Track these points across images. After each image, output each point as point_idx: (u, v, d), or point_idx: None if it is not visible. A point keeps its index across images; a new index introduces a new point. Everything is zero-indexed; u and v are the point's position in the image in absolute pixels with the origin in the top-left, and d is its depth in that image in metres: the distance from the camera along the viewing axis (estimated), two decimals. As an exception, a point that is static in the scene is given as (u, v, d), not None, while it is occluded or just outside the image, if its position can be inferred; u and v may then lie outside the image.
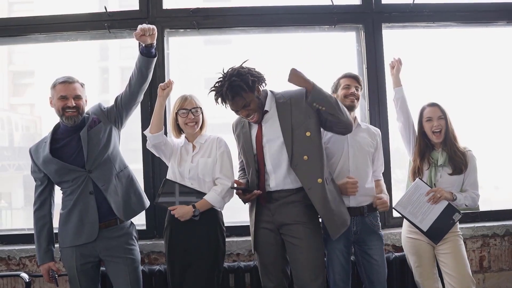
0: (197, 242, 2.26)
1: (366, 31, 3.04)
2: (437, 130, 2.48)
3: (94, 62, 3.60)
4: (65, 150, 2.27)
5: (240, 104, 2.15)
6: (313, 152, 2.18)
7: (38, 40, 3.04)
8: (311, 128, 2.19)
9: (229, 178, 2.33)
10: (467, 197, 2.45)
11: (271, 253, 2.25)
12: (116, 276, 2.29)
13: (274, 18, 3.03)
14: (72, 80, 2.29)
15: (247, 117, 2.21)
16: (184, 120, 2.35)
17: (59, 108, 2.27)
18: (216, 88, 2.18)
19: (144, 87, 2.39)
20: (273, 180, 2.21)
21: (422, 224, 2.40)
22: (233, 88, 2.11)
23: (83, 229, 2.24)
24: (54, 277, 2.33)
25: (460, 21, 3.12)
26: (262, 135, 2.23)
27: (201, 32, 3.05)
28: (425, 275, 2.46)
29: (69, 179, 2.25)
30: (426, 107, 2.56)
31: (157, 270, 2.68)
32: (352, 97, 2.44)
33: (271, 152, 2.21)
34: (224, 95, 2.14)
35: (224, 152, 2.36)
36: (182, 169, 2.35)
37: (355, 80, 2.49)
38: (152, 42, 2.29)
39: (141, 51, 2.29)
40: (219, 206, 2.31)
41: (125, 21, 2.97)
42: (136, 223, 2.82)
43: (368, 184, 2.43)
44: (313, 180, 2.15)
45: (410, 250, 2.51)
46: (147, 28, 2.23)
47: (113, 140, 2.36)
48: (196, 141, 2.41)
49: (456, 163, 2.45)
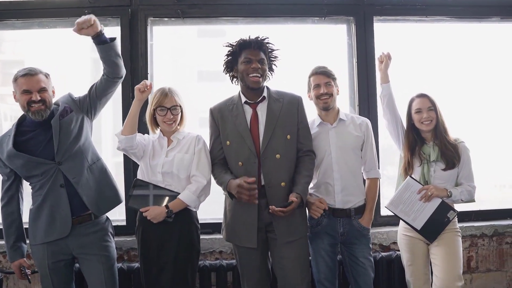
0: (170, 242, 2.17)
1: (357, 24, 2.96)
2: (427, 122, 2.40)
3: (87, 53, 3.49)
4: (32, 142, 2.14)
5: (259, 56, 2.16)
6: (287, 154, 2.15)
7: (15, 26, 2.92)
8: (293, 135, 2.18)
9: (205, 176, 2.22)
10: (463, 191, 2.37)
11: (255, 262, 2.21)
12: (90, 274, 2.19)
13: (263, 8, 2.94)
14: (35, 71, 2.13)
15: (254, 72, 2.13)
16: (162, 118, 2.24)
17: (23, 103, 2.12)
18: (240, 38, 2.18)
19: (116, 75, 2.20)
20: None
21: (415, 222, 2.35)
22: (261, 42, 2.18)
23: (55, 224, 2.13)
24: (25, 274, 2.23)
25: (453, 16, 3.06)
26: (258, 121, 2.17)
27: (186, 21, 2.95)
28: (416, 274, 2.40)
29: (38, 173, 2.14)
30: (415, 98, 2.47)
31: (136, 267, 2.59)
32: (325, 97, 2.33)
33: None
34: (250, 41, 2.16)
35: (202, 149, 2.26)
36: (154, 163, 2.24)
37: (325, 75, 2.35)
38: (97, 31, 2.06)
39: (94, 42, 2.10)
40: (194, 205, 2.22)
41: (107, 8, 2.86)
42: (116, 218, 2.77)
43: (356, 182, 2.35)
44: (277, 181, 2.11)
45: (404, 247, 2.46)
46: (82, 21, 2.00)
47: (85, 131, 2.24)
48: (174, 136, 2.29)
49: (448, 157, 2.37)
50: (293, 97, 2.24)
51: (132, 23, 2.85)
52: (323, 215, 2.25)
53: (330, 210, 2.31)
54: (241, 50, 2.17)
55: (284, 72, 2.94)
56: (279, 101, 2.19)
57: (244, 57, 2.15)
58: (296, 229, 2.16)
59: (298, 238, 2.17)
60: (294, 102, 2.22)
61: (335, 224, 2.32)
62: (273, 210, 2.01)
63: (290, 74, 2.97)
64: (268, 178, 2.12)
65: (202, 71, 3.38)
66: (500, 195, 3.32)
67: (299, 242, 2.17)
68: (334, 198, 2.31)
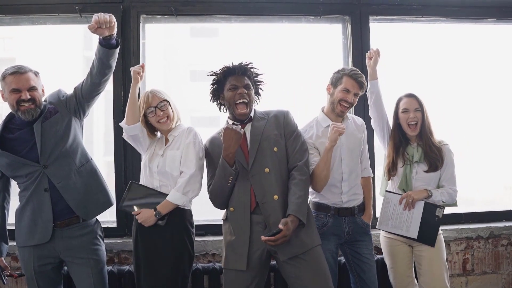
0: (161, 246, 2.12)
1: (353, 23, 2.93)
2: (413, 122, 2.37)
3: (79, 51, 3.44)
4: (18, 142, 2.07)
5: (244, 82, 2.13)
6: (276, 167, 2.08)
7: (3, 22, 2.83)
8: (280, 147, 2.12)
9: (189, 168, 2.14)
10: (444, 193, 2.35)
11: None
12: (79, 278, 2.13)
13: (257, 6, 2.89)
14: (24, 69, 2.06)
15: (241, 99, 2.09)
16: (155, 119, 2.20)
17: (12, 102, 2.05)
18: (224, 65, 2.15)
19: (107, 77, 2.16)
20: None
21: (410, 232, 2.34)
22: (245, 67, 2.14)
23: (36, 229, 2.07)
24: (0, 275, 2.16)
25: (449, 16, 3.03)
26: (247, 141, 2.12)
27: (179, 19, 2.89)
28: (399, 277, 2.39)
29: (23, 174, 2.07)
30: (403, 97, 2.44)
31: (127, 270, 2.52)
32: (347, 105, 2.27)
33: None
34: (234, 68, 2.12)
35: (190, 143, 2.19)
36: (152, 164, 2.21)
37: (360, 86, 2.27)
38: (112, 33, 2.00)
39: (100, 42, 2.03)
40: (182, 203, 2.14)
41: (98, 4, 2.78)
42: (107, 220, 2.71)
43: (358, 181, 2.37)
44: (270, 195, 2.04)
45: (386, 250, 2.45)
46: (103, 20, 1.91)
47: (73, 131, 2.17)
48: (170, 134, 2.26)
49: (431, 159, 2.35)
50: (278, 112, 2.21)
51: (124, 20, 2.79)
52: (328, 215, 2.27)
53: (336, 210, 2.30)
54: (226, 77, 2.13)
55: (279, 71, 2.92)
56: (264, 118, 2.17)
57: (229, 84, 2.12)
58: (301, 241, 2.03)
59: (306, 250, 2.03)
60: (280, 116, 2.18)
61: (341, 223, 2.30)
62: (263, 240, 1.93)
63: (284, 73, 2.95)
64: (260, 194, 2.04)
65: (195, 71, 3.34)
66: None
67: (309, 254, 2.03)
68: (340, 198, 2.30)
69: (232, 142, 1.99)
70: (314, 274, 2.00)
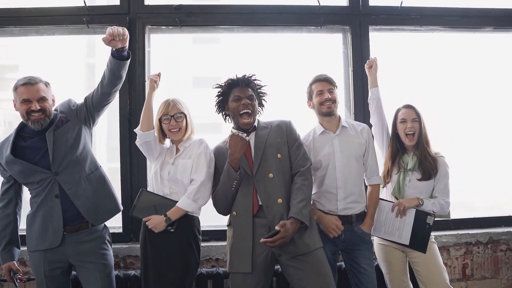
0: (168, 252, 2.17)
1: (353, 33, 2.99)
2: (411, 132, 2.43)
3: (82, 58, 3.50)
4: (30, 150, 2.15)
5: (248, 93, 2.20)
6: (280, 172, 2.15)
7: (13, 33, 2.92)
8: (284, 153, 2.19)
9: (200, 176, 2.21)
10: (435, 203, 2.39)
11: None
12: (88, 282, 2.18)
13: (260, 17, 2.96)
14: (35, 80, 2.13)
15: (244, 109, 2.17)
16: (167, 127, 2.28)
17: (23, 112, 2.12)
18: (228, 78, 2.23)
19: (117, 88, 2.25)
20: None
21: (402, 239, 2.38)
22: (248, 79, 2.23)
23: (47, 234, 2.13)
24: (12, 278, 2.22)
25: (448, 26, 3.09)
26: (251, 148, 2.19)
27: (183, 29, 2.96)
28: (395, 283, 2.43)
29: (35, 181, 2.14)
30: (401, 108, 2.51)
31: (133, 275, 2.57)
32: (329, 103, 2.36)
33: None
34: (238, 80, 2.21)
35: (202, 153, 2.26)
36: (163, 172, 2.27)
37: (327, 82, 2.39)
38: (124, 45, 2.10)
39: (112, 54, 2.12)
40: (191, 210, 2.20)
41: (105, 16, 2.87)
42: (113, 225, 2.75)
43: (358, 189, 2.37)
44: (274, 198, 2.11)
45: (381, 256, 2.49)
46: (117, 33, 2.01)
47: (83, 140, 2.24)
48: (181, 144, 2.33)
49: (425, 168, 2.40)
50: (281, 121, 2.29)
51: (130, 31, 2.85)
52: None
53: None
54: (230, 89, 2.22)
55: (281, 80, 2.97)
56: (267, 127, 2.25)
57: (233, 96, 2.20)
58: (304, 242, 2.10)
59: (309, 252, 2.09)
60: (282, 125, 2.26)
61: None
62: (262, 241, 2.01)
63: (286, 82, 3.01)
64: (264, 198, 2.11)
65: (197, 78, 3.40)
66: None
67: (311, 256, 2.09)
68: (336, 205, 2.32)
69: (238, 148, 2.08)
70: (317, 276, 2.06)
